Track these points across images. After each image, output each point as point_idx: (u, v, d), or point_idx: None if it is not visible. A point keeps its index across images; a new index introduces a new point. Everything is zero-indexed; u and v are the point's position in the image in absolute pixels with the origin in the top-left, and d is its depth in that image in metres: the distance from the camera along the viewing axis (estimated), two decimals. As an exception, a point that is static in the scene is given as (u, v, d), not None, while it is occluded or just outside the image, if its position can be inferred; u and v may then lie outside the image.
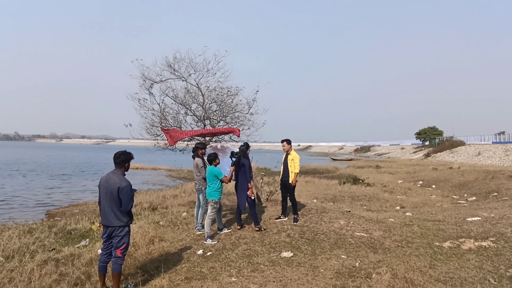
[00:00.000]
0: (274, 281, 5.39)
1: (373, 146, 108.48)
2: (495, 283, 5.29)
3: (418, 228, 8.13)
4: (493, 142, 53.28)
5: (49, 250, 7.14)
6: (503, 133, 56.91)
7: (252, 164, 8.92)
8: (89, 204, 14.20)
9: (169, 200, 13.40)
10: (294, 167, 8.20)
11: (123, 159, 5.20)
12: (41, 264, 6.16)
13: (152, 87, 10.87)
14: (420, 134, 79.19)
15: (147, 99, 10.91)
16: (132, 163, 5.59)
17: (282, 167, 8.48)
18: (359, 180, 19.12)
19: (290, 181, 8.21)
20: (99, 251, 5.91)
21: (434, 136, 73.56)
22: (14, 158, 45.75)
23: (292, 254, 6.53)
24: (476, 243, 6.99)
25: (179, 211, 10.55)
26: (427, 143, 75.03)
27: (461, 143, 57.84)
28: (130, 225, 5.35)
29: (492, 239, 7.16)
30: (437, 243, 7.11)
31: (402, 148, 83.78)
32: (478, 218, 8.83)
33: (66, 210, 13.29)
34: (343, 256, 6.41)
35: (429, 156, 57.23)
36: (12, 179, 23.45)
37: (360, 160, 54.37)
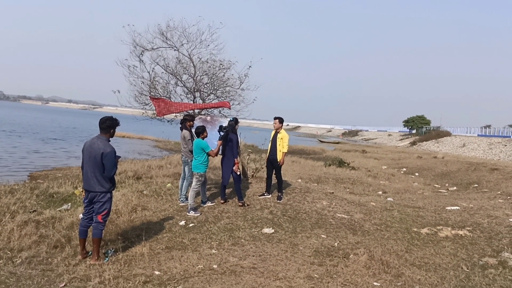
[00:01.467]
0: (253, 256, 5.47)
1: (361, 131, 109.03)
2: (468, 270, 5.45)
3: (398, 213, 8.29)
4: (478, 135, 54.03)
5: (30, 212, 7.09)
6: (489, 126, 57.76)
7: (240, 140, 8.89)
8: (73, 169, 14.06)
9: (154, 170, 13.32)
10: (282, 146, 8.19)
11: (108, 125, 5.12)
12: (21, 225, 6.12)
13: (142, 55, 10.63)
14: (408, 122, 79.75)
15: (137, 66, 10.68)
16: (119, 131, 5.52)
17: (270, 144, 8.44)
18: (345, 163, 19.26)
19: (278, 160, 8.21)
20: (80, 215, 5.88)
21: (422, 125, 74.20)
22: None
23: (273, 230, 6.61)
24: (453, 231, 7.16)
25: (163, 181, 10.51)
26: (414, 131, 75.72)
27: (447, 134, 58.52)
28: (113, 191, 5.32)
29: (468, 228, 7.35)
30: (415, 229, 7.27)
31: (389, 135, 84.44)
32: (457, 208, 9.03)
33: (50, 173, 13.13)
34: (323, 236, 6.51)
35: (415, 144, 57.87)
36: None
37: (347, 144, 54.74)
